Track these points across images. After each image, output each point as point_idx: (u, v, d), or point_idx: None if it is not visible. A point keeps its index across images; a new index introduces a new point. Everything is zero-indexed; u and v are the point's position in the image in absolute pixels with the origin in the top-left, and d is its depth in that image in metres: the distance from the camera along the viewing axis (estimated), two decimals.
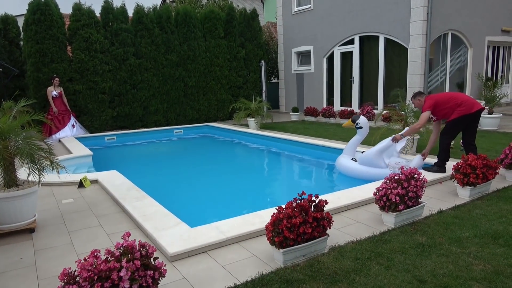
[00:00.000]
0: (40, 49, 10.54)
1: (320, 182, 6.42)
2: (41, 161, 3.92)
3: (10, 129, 3.87)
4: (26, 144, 3.82)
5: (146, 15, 12.06)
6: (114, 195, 4.81)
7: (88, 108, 11.32)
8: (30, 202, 3.88)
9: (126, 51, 11.71)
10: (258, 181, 6.87)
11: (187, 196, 5.63)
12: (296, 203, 3.13)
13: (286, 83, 15.85)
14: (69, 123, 10.60)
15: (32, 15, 10.50)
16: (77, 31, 11.04)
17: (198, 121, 13.35)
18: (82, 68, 11.14)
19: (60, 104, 10.46)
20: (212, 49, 13.34)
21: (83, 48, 11.07)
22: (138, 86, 12.05)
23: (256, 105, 11.77)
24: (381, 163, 5.68)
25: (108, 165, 7.55)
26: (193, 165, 7.89)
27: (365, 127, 6.12)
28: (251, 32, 14.29)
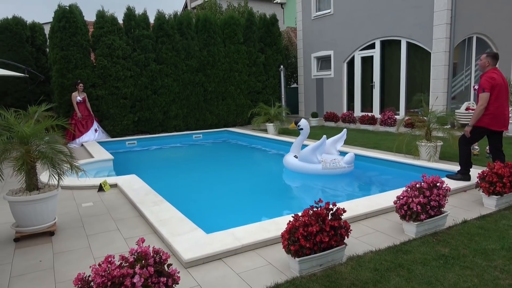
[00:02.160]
0: (65, 55, 10.83)
1: (338, 189, 6.31)
2: (61, 165, 4.00)
3: (33, 133, 3.95)
4: (47, 149, 3.90)
5: (167, 22, 12.24)
6: (132, 199, 4.85)
7: (110, 113, 11.54)
8: (51, 206, 3.95)
9: (147, 57, 11.90)
10: (275, 187, 6.80)
11: (204, 201, 5.62)
12: (312, 211, 3.06)
13: (306, 88, 15.75)
14: (92, 128, 10.84)
15: (57, 22, 10.81)
16: (100, 38, 11.31)
17: (217, 126, 13.41)
18: (104, 74, 11.38)
19: (84, 109, 10.70)
20: (232, 55, 13.40)
21: (106, 54, 11.32)
22: (158, 91, 12.22)
23: (275, 110, 11.73)
24: (315, 159, 6.54)
25: (128, 169, 7.65)
26: (211, 170, 7.89)
27: (305, 128, 7.04)
28: (270, 37, 14.29)
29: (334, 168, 6.51)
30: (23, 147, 3.88)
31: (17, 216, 3.83)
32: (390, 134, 10.09)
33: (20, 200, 3.76)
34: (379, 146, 8.22)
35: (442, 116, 6.84)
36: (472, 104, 10.61)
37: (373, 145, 8.38)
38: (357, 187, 6.30)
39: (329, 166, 6.49)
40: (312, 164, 6.58)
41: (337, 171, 6.54)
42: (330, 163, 6.47)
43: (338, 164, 6.52)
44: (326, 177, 6.85)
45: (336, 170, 6.53)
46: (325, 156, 6.68)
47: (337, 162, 6.50)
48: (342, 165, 6.53)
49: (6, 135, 3.81)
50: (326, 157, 6.63)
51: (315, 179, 6.65)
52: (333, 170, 6.52)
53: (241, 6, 20.22)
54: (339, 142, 6.99)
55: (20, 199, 3.76)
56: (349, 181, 6.71)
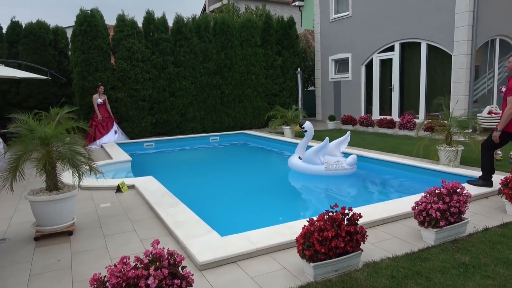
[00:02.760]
0: (86, 58, 11.07)
1: (355, 193, 6.22)
2: (80, 166, 4.07)
3: (54, 135, 4.04)
4: (67, 150, 3.98)
5: (185, 25, 12.37)
6: (149, 201, 4.90)
7: (129, 115, 11.72)
8: (70, 206, 4.03)
9: (165, 60, 12.05)
10: (291, 190, 6.77)
11: (219, 203, 5.64)
12: (328, 215, 3.03)
13: (323, 91, 15.64)
14: (112, 129, 11.02)
15: (79, 26, 11.07)
16: (120, 41, 11.51)
17: (234, 129, 13.46)
18: (124, 77, 11.57)
19: (104, 111, 10.90)
20: (249, 57, 13.44)
21: (125, 57, 11.51)
22: (176, 93, 12.34)
23: (292, 113, 11.69)
24: (317, 161, 6.74)
25: (145, 170, 7.74)
26: (227, 172, 7.91)
27: (309, 130, 7.24)
28: (288, 40, 14.27)
29: (337, 170, 6.71)
30: (44, 148, 3.97)
31: (37, 215, 3.92)
32: (409, 138, 9.91)
33: (40, 200, 3.85)
34: (397, 150, 8.08)
35: (463, 120, 6.67)
36: (495, 107, 10.32)
37: (392, 149, 8.24)
38: (374, 192, 6.20)
39: (332, 168, 6.70)
40: (315, 165, 6.77)
41: (339, 172, 6.73)
42: (332, 164, 6.69)
43: (340, 166, 6.72)
44: (343, 181, 6.79)
45: (338, 171, 6.72)
46: (328, 158, 6.88)
47: (339, 163, 6.72)
48: (345, 166, 6.72)
49: (28, 137, 3.91)
50: (329, 159, 6.84)
51: (331, 182, 6.61)
52: (336, 171, 6.72)
53: (258, 9, 20.27)
54: (343, 144, 7.19)
55: (40, 199, 3.85)
56: (366, 185, 6.61)
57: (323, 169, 6.73)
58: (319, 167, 6.76)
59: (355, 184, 6.74)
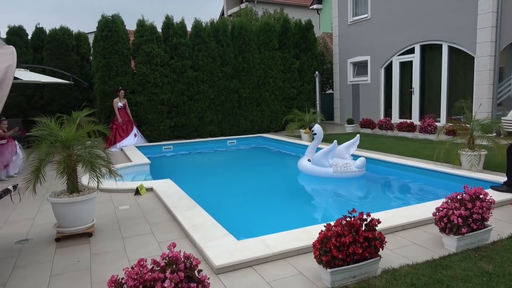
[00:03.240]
0: (107, 63, 11.30)
1: (373, 198, 6.13)
2: (100, 169, 4.15)
3: (74, 138, 4.13)
4: (87, 153, 4.06)
5: (204, 29, 12.49)
6: (167, 204, 4.95)
7: (148, 119, 11.89)
8: (90, 208, 4.10)
9: (184, 64, 12.19)
10: (308, 194, 6.73)
11: (236, 207, 5.65)
12: (346, 221, 2.98)
13: (341, 94, 15.51)
14: (132, 132, 11.20)
15: (100, 32, 11.32)
16: (140, 46, 11.71)
17: (251, 132, 13.48)
18: (143, 81, 11.76)
19: (124, 114, 11.09)
20: (267, 61, 13.45)
21: (145, 62, 11.70)
22: (194, 97, 12.46)
23: (309, 116, 11.62)
24: (326, 163, 6.84)
25: (163, 173, 7.83)
26: (244, 176, 7.93)
27: (319, 133, 7.38)
28: (305, 43, 14.23)
29: (345, 172, 6.82)
30: (65, 151, 4.06)
31: (58, 217, 4.01)
32: (430, 142, 9.71)
33: (61, 202, 3.93)
34: (418, 154, 7.93)
35: (486, 124, 6.48)
36: None
37: (412, 153, 8.09)
38: (393, 197, 6.09)
39: (340, 170, 6.82)
40: (324, 167, 6.90)
41: (348, 175, 6.83)
42: (341, 167, 6.81)
43: (349, 168, 6.82)
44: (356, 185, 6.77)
45: (347, 174, 6.83)
46: (337, 160, 6.99)
47: (348, 166, 6.83)
48: (353, 169, 6.82)
49: (50, 140, 4.00)
50: (338, 161, 6.95)
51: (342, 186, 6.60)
52: (344, 173, 6.83)
53: (276, 13, 20.29)
54: (352, 147, 7.26)
55: (61, 200, 3.93)
56: (384, 190, 6.50)
57: (331, 172, 6.84)
58: (328, 169, 6.87)
59: (371, 189, 6.65)
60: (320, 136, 7.42)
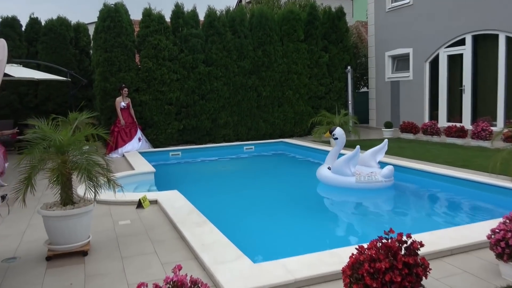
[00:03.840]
0: (108, 57, 11.54)
1: (415, 216, 6.02)
2: (98, 178, 4.20)
3: (70, 143, 4.21)
4: (84, 160, 4.13)
5: (218, 19, 12.62)
6: (173, 219, 4.98)
7: (154, 121, 12.05)
8: (85, 222, 4.16)
9: (195, 58, 12.33)
10: (337, 211, 6.67)
11: (253, 224, 5.64)
12: (381, 243, 2.92)
13: (378, 92, 15.36)
14: (136, 136, 11.34)
15: (102, 22, 11.59)
16: (146, 38, 11.92)
17: (271, 137, 13.48)
18: (149, 77, 11.94)
19: (127, 116, 11.26)
20: (290, 54, 13.47)
21: (151, 55, 11.89)
22: (207, 96, 12.57)
23: (340, 119, 11.54)
24: (347, 172, 6.88)
25: (170, 183, 7.89)
26: (263, 188, 7.91)
27: (340, 138, 7.43)
28: (336, 33, 14.19)
29: (369, 182, 6.85)
30: (59, 157, 4.14)
31: (50, 232, 4.08)
32: (484, 149, 9.47)
33: (53, 215, 4.00)
34: (469, 164, 7.75)
35: None
36: None
37: (462, 162, 7.91)
38: (439, 215, 5.97)
39: (364, 180, 6.86)
40: (345, 176, 6.95)
41: (372, 186, 6.85)
42: (365, 176, 6.86)
43: (374, 178, 6.85)
44: (391, 199, 6.70)
45: (371, 184, 6.85)
46: (362, 169, 7.04)
47: (373, 175, 6.87)
48: (379, 179, 6.84)
49: (43, 144, 4.08)
50: (363, 170, 7.00)
51: (374, 198, 6.58)
52: (368, 184, 6.85)
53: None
54: (379, 153, 7.32)
55: (53, 213, 4.00)
56: (431, 205, 6.38)
57: (353, 181, 6.87)
58: (349, 179, 6.91)
59: (407, 203, 6.57)
60: (342, 141, 7.47)
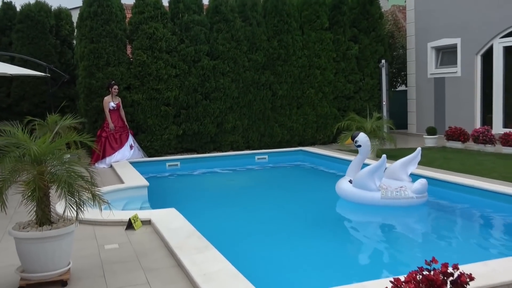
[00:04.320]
0: (95, 49, 11.67)
1: (461, 242, 5.99)
2: (81, 193, 4.24)
3: (49, 151, 4.26)
4: (64, 171, 4.17)
5: (226, 3, 12.71)
6: (169, 243, 4.99)
7: (148, 124, 12.12)
8: (65, 246, 4.19)
9: (198, 49, 12.41)
10: (362, 233, 6.66)
11: (265, 250, 5.62)
12: (422, 275, 2.90)
13: (419, 92, 15.30)
14: (127, 143, 11.39)
15: (87, 7, 11.75)
16: (139, 25, 12.03)
17: (289, 144, 13.47)
18: (143, 73, 12.04)
19: (117, 118, 11.33)
20: (312, 45, 13.49)
21: (145, 47, 12.00)
22: (211, 95, 12.64)
23: (372, 123, 11.48)
24: (372, 185, 6.99)
25: (166, 200, 7.93)
26: (278, 206, 7.89)
27: (364, 145, 7.54)
28: (367, 20, 14.19)
29: (398, 198, 6.98)
30: (35, 168, 4.18)
31: (23, 257, 4.12)
32: None
33: (27, 237, 4.04)
34: None
35: None
36: None
37: None
38: (491, 242, 5.92)
39: (391, 195, 7.00)
40: (368, 191, 7.06)
41: (401, 202, 6.97)
42: (393, 191, 6.99)
43: (403, 193, 6.97)
44: (427, 220, 6.80)
45: (400, 201, 6.97)
46: (389, 182, 7.18)
47: (402, 190, 6.99)
48: (409, 194, 6.97)
49: (16, 153, 4.14)
50: (390, 184, 7.14)
51: (404, 218, 6.72)
52: (396, 200, 6.98)
53: None
54: (411, 164, 7.40)
55: (27, 235, 4.04)
56: (484, 230, 6.32)
57: (378, 197, 6.98)
58: (374, 194, 7.01)
59: (448, 226, 6.61)
60: (365, 149, 7.60)
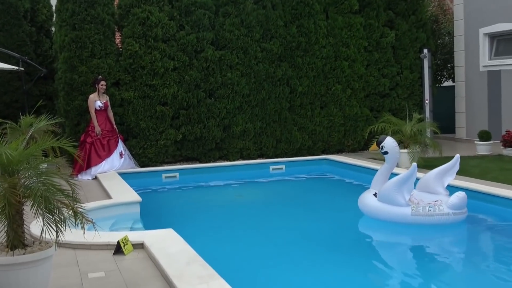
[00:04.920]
0: (77, 37, 11.71)
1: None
2: (61, 210, 4.26)
3: (22, 159, 4.30)
4: (41, 184, 4.20)
5: None
6: (166, 271, 4.99)
7: (140, 128, 12.13)
8: (41, 274, 4.21)
9: (201, 37, 12.44)
10: (395, 261, 6.65)
11: (280, 279, 5.62)
12: None
13: (469, 88, 15.23)
14: (116, 150, 11.40)
15: None
16: (130, 9, 12.07)
17: (311, 152, 13.46)
18: (134, 66, 12.06)
19: (104, 120, 11.35)
20: (339, 32, 13.49)
21: (138, 34, 12.03)
22: (216, 93, 12.66)
23: (413, 126, 11.42)
24: (399, 200, 7.06)
25: (162, 219, 7.95)
26: (297, 227, 7.85)
27: (392, 152, 7.59)
28: (406, 1, 14.19)
29: (431, 215, 7.00)
30: (6, 180, 4.22)
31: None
32: None
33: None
34: None
35: None
36: None
37: None
38: None
39: (423, 211, 7.02)
40: (396, 206, 7.12)
41: (435, 220, 7.00)
42: (425, 206, 7.03)
43: (437, 209, 6.98)
44: (471, 241, 6.79)
45: (434, 218, 7.00)
46: (422, 196, 7.23)
47: (437, 205, 7.00)
48: (445, 210, 6.97)
49: None
50: (423, 197, 7.20)
51: (441, 238, 6.80)
52: (430, 217, 7.01)
53: None
54: (449, 175, 7.47)
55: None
56: None
57: (408, 213, 7.04)
58: (402, 210, 7.06)
59: (498, 249, 6.58)
60: (394, 156, 7.64)
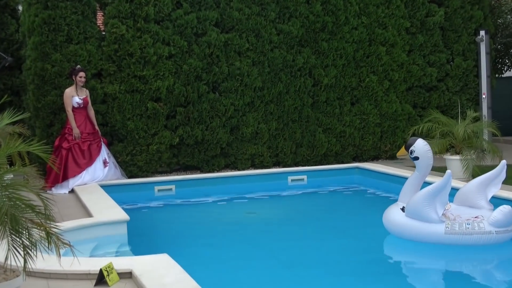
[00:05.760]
0: (50, 17, 11.83)
1: None
2: (30, 231, 4.39)
3: None
4: (5, 198, 4.33)
5: None
6: None
7: (128, 129, 12.25)
8: None
9: (203, 17, 12.57)
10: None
11: None
12: None
13: None
14: (100, 157, 11.50)
15: None
16: None
17: (339, 159, 13.55)
18: (120, 53, 12.18)
19: (84, 120, 11.43)
20: (374, 10, 13.58)
21: (124, 14, 12.15)
22: (222, 86, 12.79)
23: (465, 126, 11.46)
24: (431, 215, 7.10)
25: (155, 241, 8.06)
26: (319, 249, 7.92)
27: (422, 157, 7.65)
28: None
29: (470, 233, 7.02)
30: None
31: None
32: None
33: None
34: None
35: None
36: None
37: None
38: None
39: (459, 229, 7.06)
40: (427, 223, 7.16)
41: (474, 239, 7.04)
42: (462, 223, 7.06)
43: (477, 226, 6.99)
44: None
45: (473, 237, 7.03)
46: (460, 211, 7.29)
47: (477, 222, 7.02)
48: (486, 228, 6.97)
49: None
50: (460, 212, 7.26)
51: (485, 263, 6.93)
52: (468, 236, 7.04)
53: None
54: (493, 185, 7.54)
55: None
56: None
57: (442, 231, 7.08)
58: (435, 227, 7.13)
59: None
60: (426, 162, 7.68)
